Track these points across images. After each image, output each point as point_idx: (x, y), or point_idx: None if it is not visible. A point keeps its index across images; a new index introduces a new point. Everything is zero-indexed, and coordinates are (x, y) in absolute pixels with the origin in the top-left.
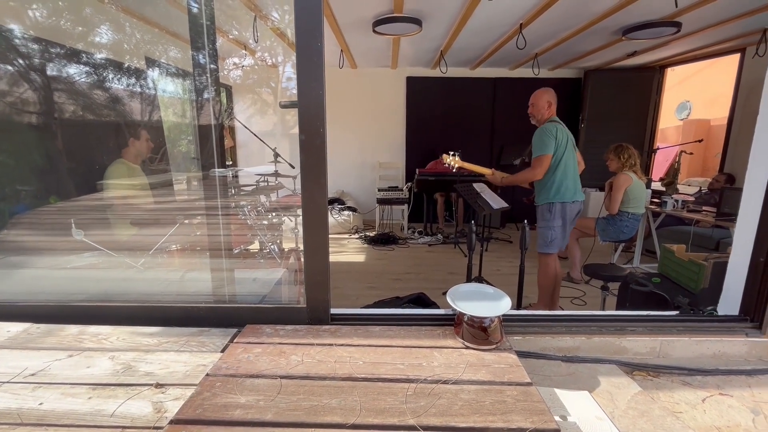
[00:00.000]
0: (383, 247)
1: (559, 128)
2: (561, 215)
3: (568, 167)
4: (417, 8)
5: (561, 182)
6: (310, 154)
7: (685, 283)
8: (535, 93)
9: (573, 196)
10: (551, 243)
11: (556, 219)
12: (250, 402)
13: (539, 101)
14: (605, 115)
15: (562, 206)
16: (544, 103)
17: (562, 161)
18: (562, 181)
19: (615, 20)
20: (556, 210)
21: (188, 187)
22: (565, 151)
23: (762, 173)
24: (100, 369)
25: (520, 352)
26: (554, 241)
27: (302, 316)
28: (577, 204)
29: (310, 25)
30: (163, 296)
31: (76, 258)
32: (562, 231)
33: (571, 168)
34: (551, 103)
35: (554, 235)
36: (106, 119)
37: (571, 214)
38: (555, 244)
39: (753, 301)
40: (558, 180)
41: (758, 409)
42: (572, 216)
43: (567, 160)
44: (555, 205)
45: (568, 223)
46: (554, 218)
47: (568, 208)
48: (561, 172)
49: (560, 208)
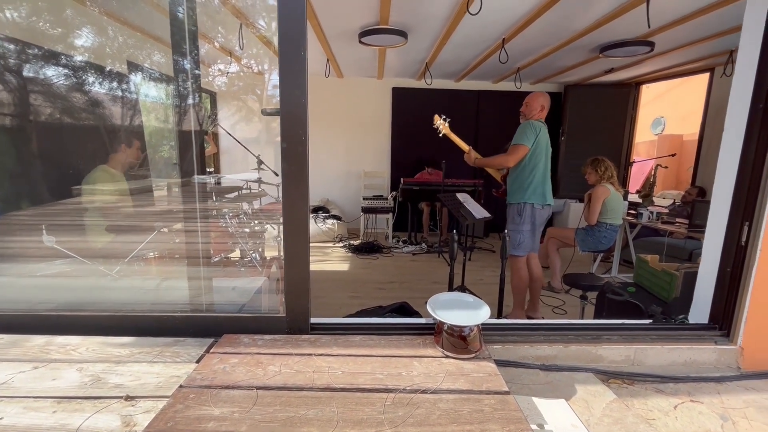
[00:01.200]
0: (367, 256)
1: (543, 130)
2: (530, 219)
3: (544, 170)
4: (403, 21)
5: (536, 183)
6: (292, 161)
7: (659, 292)
8: (531, 94)
9: (543, 200)
10: (519, 246)
11: (526, 223)
12: (225, 414)
13: (533, 102)
14: (584, 128)
15: (532, 210)
16: (537, 105)
17: (541, 163)
18: (536, 182)
19: (593, 38)
20: (527, 213)
21: (168, 194)
22: (543, 153)
23: (727, 187)
24: (66, 381)
25: (499, 360)
26: (522, 244)
27: (281, 326)
28: (547, 209)
29: (293, 33)
30: (138, 305)
31: (45, 266)
32: (530, 235)
33: (547, 172)
34: (544, 107)
35: (522, 239)
36: (84, 123)
37: (540, 219)
38: (523, 247)
39: (721, 309)
40: (534, 180)
41: (727, 416)
42: (541, 221)
43: (544, 163)
44: (525, 208)
45: (537, 227)
46: (524, 222)
47: (538, 213)
48: (538, 174)
49: (530, 212)
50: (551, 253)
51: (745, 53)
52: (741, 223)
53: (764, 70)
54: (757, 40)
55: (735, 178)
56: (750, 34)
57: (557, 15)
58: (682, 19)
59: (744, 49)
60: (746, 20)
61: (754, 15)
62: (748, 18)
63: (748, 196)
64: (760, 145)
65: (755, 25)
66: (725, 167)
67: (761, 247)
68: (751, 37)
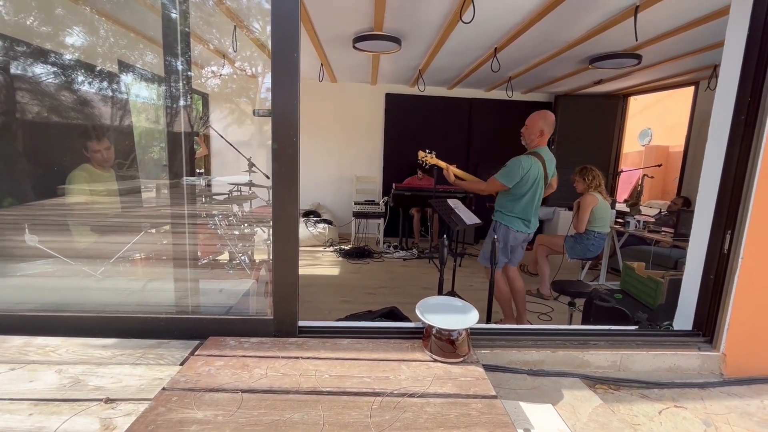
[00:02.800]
0: (358, 260)
1: (535, 165)
2: (503, 239)
3: (530, 203)
4: (397, 27)
5: (517, 212)
6: (282, 162)
7: (644, 299)
8: (532, 116)
9: (520, 228)
10: (488, 258)
11: (500, 241)
12: (208, 417)
13: (533, 126)
14: (574, 138)
15: (507, 231)
16: (536, 130)
17: (527, 196)
18: (518, 210)
19: (582, 49)
20: (501, 233)
21: (157, 195)
22: (531, 187)
23: (710, 197)
24: (44, 383)
25: (487, 365)
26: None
27: (269, 328)
28: (524, 234)
29: (286, 36)
30: (122, 306)
31: (27, 265)
32: (502, 251)
33: (534, 204)
34: (543, 132)
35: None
36: (73, 122)
37: (514, 241)
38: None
39: (704, 316)
40: (515, 208)
41: (710, 421)
42: (516, 242)
43: (531, 197)
44: (501, 227)
45: (510, 246)
46: (499, 239)
47: (512, 235)
48: (521, 206)
49: (504, 233)
50: (540, 261)
51: (728, 68)
52: (723, 232)
53: (745, 83)
54: (739, 56)
55: (718, 188)
56: (732, 49)
57: (548, 26)
58: (669, 34)
59: (726, 63)
60: (728, 36)
61: (735, 32)
62: (730, 34)
63: (730, 205)
64: (742, 156)
65: (737, 42)
66: (708, 177)
67: (743, 255)
68: (733, 53)
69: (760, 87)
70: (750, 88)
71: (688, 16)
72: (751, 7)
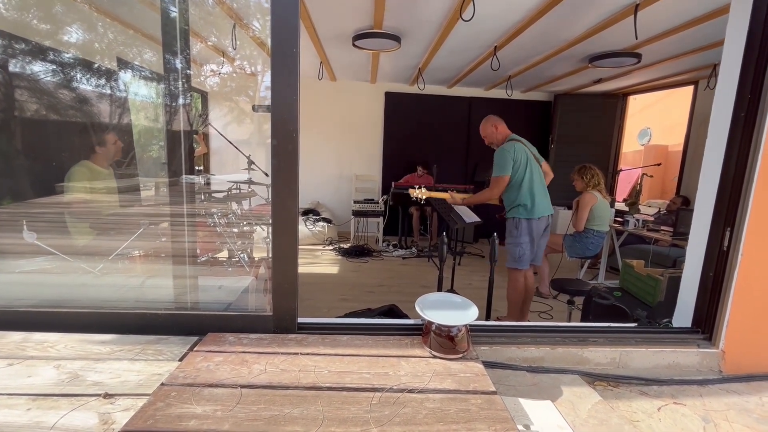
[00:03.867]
0: (357, 259)
1: (517, 147)
2: (527, 232)
3: (532, 184)
4: (396, 25)
5: (525, 200)
6: (282, 158)
7: (644, 296)
8: (480, 126)
9: (539, 213)
10: (519, 259)
11: (523, 236)
12: (207, 412)
13: (485, 131)
14: (573, 137)
15: (528, 223)
16: (490, 129)
17: (525, 179)
18: (526, 199)
19: (582, 48)
20: (523, 227)
21: (156, 193)
22: (526, 168)
23: (710, 194)
24: (42, 378)
25: (487, 362)
26: (522, 257)
27: (268, 325)
28: (544, 219)
29: (286, 31)
30: (120, 303)
31: (26, 262)
32: (530, 247)
33: (536, 183)
34: (496, 125)
35: (522, 251)
36: (72, 120)
37: (538, 230)
38: (524, 259)
39: (704, 313)
40: (522, 198)
41: (709, 418)
42: (540, 231)
43: (530, 177)
44: (521, 222)
45: (536, 238)
46: (521, 234)
47: (534, 224)
48: (525, 191)
49: (526, 225)
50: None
51: (728, 64)
52: (723, 229)
53: (745, 80)
54: (739, 53)
55: (717, 185)
56: (732, 47)
57: (548, 24)
58: (669, 32)
59: (726, 60)
60: (728, 34)
61: (735, 29)
62: (731, 32)
63: (730, 202)
64: (741, 153)
65: (737, 39)
66: (708, 174)
67: (742, 252)
68: (733, 50)
69: (760, 84)
70: (750, 84)
71: (687, 14)
72: (752, 4)
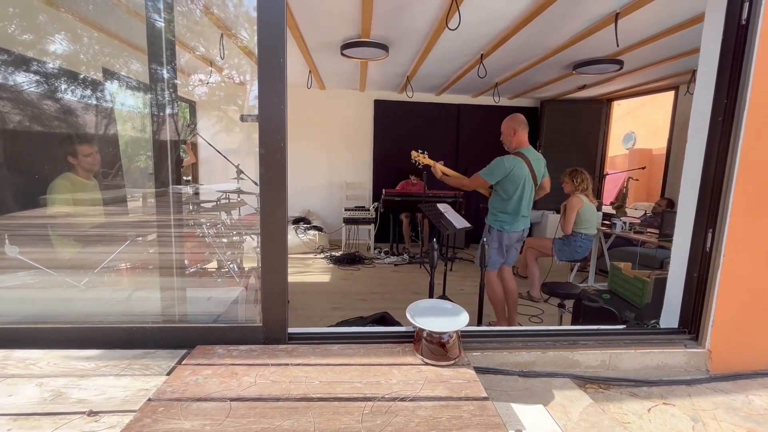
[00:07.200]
0: (349, 267)
1: (519, 165)
2: (498, 240)
3: (520, 202)
4: (384, 34)
5: (507, 211)
6: (270, 167)
7: (632, 298)
8: (504, 121)
9: (515, 229)
10: (488, 262)
11: (493, 241)
12: (195, 427)
13: (505, 129)
14: (560, 142)
15: (500, 234)
16: (509, 131)
17: (515, 197)
18: (509, 210)
19: (566, 55)
20: (494, 235)
21: (144, 204)
22: (519, 187)
23: (692, 196)
24: (24, 397)
25: (479, 368)
26: (489, 260)
27: (258, 336)
28: (516, 233)
29: (273, 41)
30: (106, 317)
31: (7, 277)
32: (497, 253)
33: (524, 203)
34: (516, 130)
35: (489, 255)
36: (56, 131)
37: (509, 240)
38: (490, 263)
39: (690, 314)
40: (505, 209)
41: (697, 417)
42: (512, 242)
43: (520, 196)
44: (494, 231)
45: (504, 246)
46: (492, 240)
47: (506, 237)
48: (511, 206)
49: (498, 236)
50: (530, 263)
51: (704, 71)
52: (705, 231)
53: (721, 86)
54: (714, 60)
55: (698, 188)
56: (708, 54)
57: (533, 32)
58: (648, 40)
59: (703, 67)
60: (704, 42)
61: (710, 37)
62: (706, 40)
63: (711, 204)
64: (720, 156)
65: (712, 47)
66: (689, 177)
67: (724, 252)
68: (709, 57)
69: (735, 89)
70: (726, 90)
71: (666, 23)
72: (725, 13)
